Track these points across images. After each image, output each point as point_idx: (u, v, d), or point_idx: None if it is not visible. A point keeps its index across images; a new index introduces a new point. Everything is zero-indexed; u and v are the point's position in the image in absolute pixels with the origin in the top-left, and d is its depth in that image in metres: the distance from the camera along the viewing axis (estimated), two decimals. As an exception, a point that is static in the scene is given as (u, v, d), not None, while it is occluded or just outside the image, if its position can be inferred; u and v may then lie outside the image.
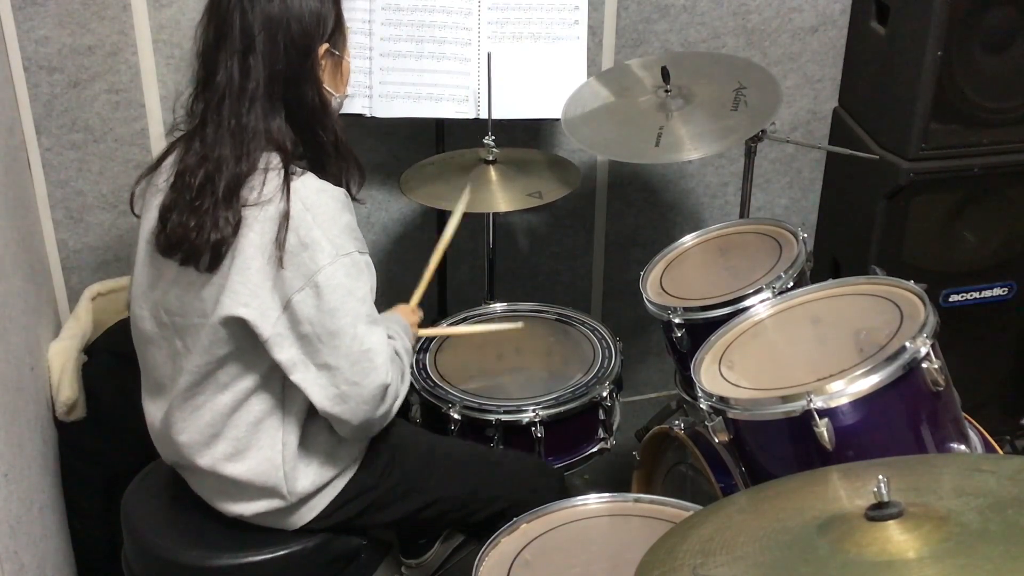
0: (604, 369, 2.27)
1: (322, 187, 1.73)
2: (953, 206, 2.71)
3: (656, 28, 2.82)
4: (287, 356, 1.71)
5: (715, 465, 2.00)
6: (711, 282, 2.21)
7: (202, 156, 1.71)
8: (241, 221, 1.68)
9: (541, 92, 2.55)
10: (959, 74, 2.55)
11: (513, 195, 2.41)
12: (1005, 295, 2.82)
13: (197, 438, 1.80)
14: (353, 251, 1.72)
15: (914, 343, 1.66)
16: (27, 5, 2.42)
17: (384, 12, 2.51)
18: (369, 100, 2.53)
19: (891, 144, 2.68)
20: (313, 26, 1.73)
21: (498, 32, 2.54)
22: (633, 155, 2.44)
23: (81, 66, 2.50)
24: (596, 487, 2.09)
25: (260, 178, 1.69)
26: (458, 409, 2.15)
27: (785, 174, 3.10)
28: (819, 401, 1.64)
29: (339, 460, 1.86)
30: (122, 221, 2.64)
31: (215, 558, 1.86)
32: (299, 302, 1.68)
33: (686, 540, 1.31)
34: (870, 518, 1.18)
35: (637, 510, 1.88)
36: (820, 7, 2.89)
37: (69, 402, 2.24)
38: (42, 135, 2.53)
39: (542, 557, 1.77)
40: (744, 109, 2.34)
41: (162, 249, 1.74)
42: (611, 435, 2.27)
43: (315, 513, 1.86)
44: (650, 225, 3.06)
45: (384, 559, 2.06)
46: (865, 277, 1.94)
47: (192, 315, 1.75)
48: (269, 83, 1.70)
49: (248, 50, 1.69)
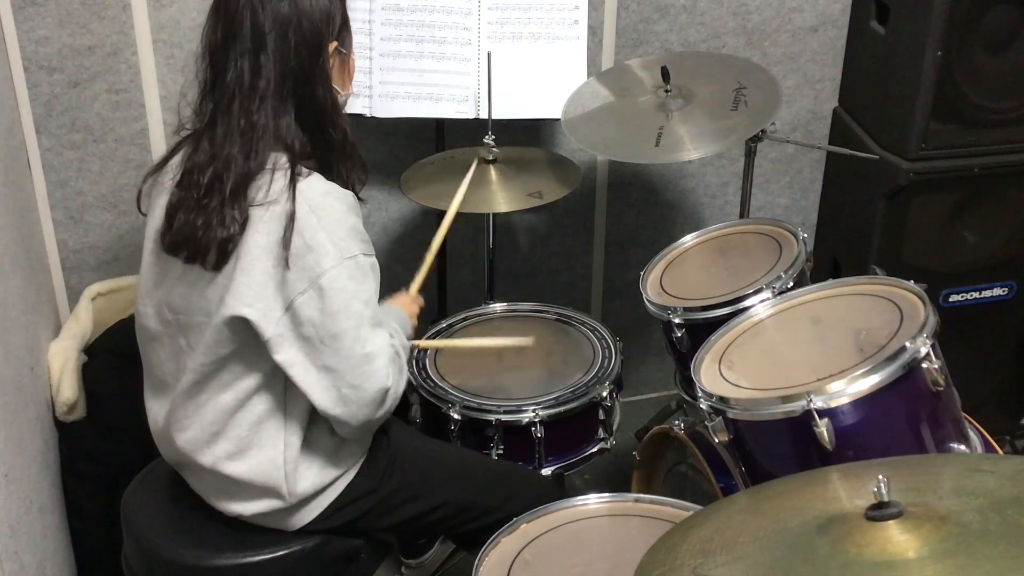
0: (604, 369, 2.27)
1: (328, 189, 1.73)
2: (953, 206, 2.71)
3: (656, 28, 2.82)
4: (287, 357, 1.71)
5: (715, 465, 2.00)
6: (711, 282, 2.21)
7: (211, 155, 1.71)
8: (248, 220, 1.68)
9: (541, 92, 2.55)
10: (959, 74, 2.55)
11: (513, 195, 2.41)
12: (1005, 295, 2.82)
13: (199, 436, 1.80)
14: (358, 254, 1.72)
15: (914, 343, 1.66)
16: (27, 5, 2.42)
17: (384, 12, 2.51)
18: (369, 100, 2.53)
19: (891, 144, 2.68)
20: (323, 24, 1.73)
21: (498, 32, 2.54)
22: (633, 155, 2.44)
23: (81, 66, 2.50)
24: (596, 487, 2.09)
25: (267, 177, 1.69)
26: (458, 409, 2.15)
27: (785, 174, 3.10)
28: (819, 401, 1.64)
29: (340, 463, 1.86)
30: (122, 221, 2.64)
31: (215, 558, 1.86)
32: (302, 304, 1.68)
33: (686, 540, 1.31)
34: (870, 518, 1.18)
35: (637, 510, 1.88)
36: (820, 7, 2.89)
37: (69, 402, 2.24)
38: (42, 135, 2.53)
39: (542, 557, 1.77)
40: (744, 109, 2.34)
41: (168, 247, 1.74)
42: (611, 435, 2.27)
43: (314, 515, 1.86)
44: (650, 225, 3.06)
45: (384, 559, 2.06)
46: (865, 277, 1.94)
47: (196, 314, 1.75)
48: (280, 81, 1.70)
49: (259, 49, 1.69)
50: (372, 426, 1.81)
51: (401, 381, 1.81)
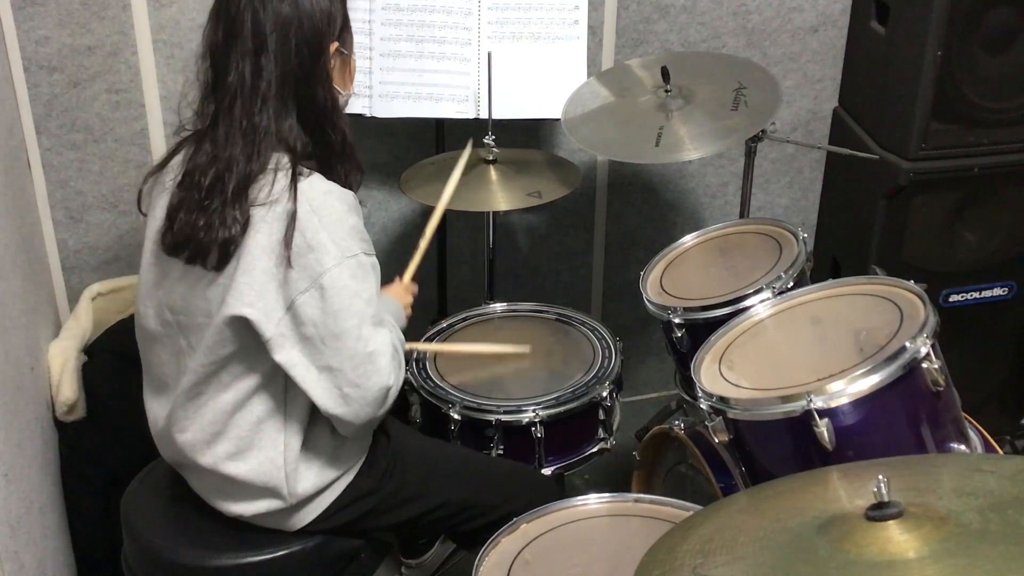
0: (604, 369, 2.27)
1: (329, 189, 1.73)
2: (953, 206, 2.71)
3: (656, 28, 2.82)
4: (288, 357, 1.71)
5: (715, 465, 2.00)
6: (711, 282, 2.21)
7: (213, 156, 1.71)
8: (249, 220, 1.68)
9: (541, 92, 2.55)
10: (959, 74, 2.55)
11: (513, 195, 2.41)
12: (1005, 295, 2.82)
13: (199, 436, 1.80)
14: (359, 253, 1.72)
15: (914, 343, 1.66)
16: (27, 5, 2.42)
17: (384, 12, 2.51)
18: (369, 100, 2.53)
19: (891, 144, 2.68)
20: (324, 25, 1.74)
21: (498, 32, 2.54)
22: (633, 155, 2.44)
23: (81, 66, 2.50)
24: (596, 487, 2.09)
25: (269, 178, 1.69)
26: (458, 409, 2.15)
27: (785, 174, 3.10)
28: (819, 401, 1.64)
29: (341, 463, 1.86)
30: (122, 221, 2.64)
31: (215, 558, 1.86)
32: (303, 303, 1.68)
33: (686, 540, 1.31)
34: (870, 518, 1.18)
35: (637, 510, 1.88)
36: (820, 7, 2.89)
37: (69, 402, 2.24)
38: (42, 135, 2.53)
39: (542, 557, 1.77)
40: (744, 109, 2.34)
41: (168, 248, 1.74)
42: (611, 435, 2.27)
43: (314, 515, 1.86)
44: (650, 225, 3.06)
45: (384, 559, 2.06)
46: (865, 277, 1.94)
47: (197, 314, 1.75)
48: (281, 82, 1.70)
49: (260, 50, 1.69)
50: (374, 424, 1.81)
51: (400, 377, 1.81)
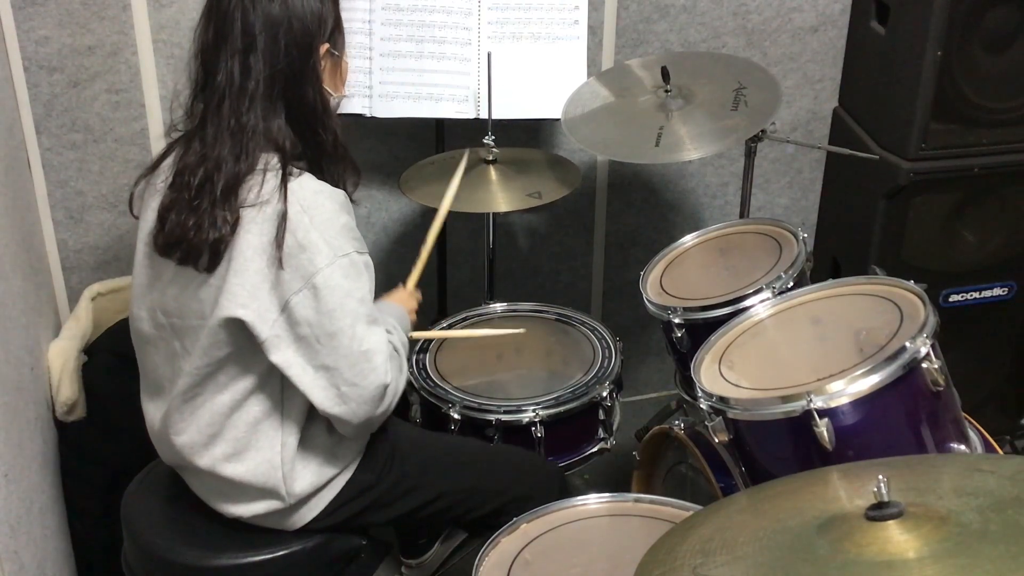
0: (604, 369, 2.27)
1: (319, 188, 1.73)
2: (953, 206, 2.71)
3: (656, 28, 2.82)
4: (284, 358, 1.71)
5: (715, 465, 2.00)
6: (711, 282, 2.21)
7: (202, 156, 1.71)
8: (239, 221, 1.68)
9: (541, 92, 2.55)
10: (959, 74, 2.55)
11: (513, 195, 2.41)
12: (1005, 295, 2.82)
13: (196, 439, 1.80)
14: (351, 251, 1.71)
15: (914, 343, 1.66)
16: (27, 5, 2.42)
17: (384, 12, 2.51)
18: (369, 100, 2.53)
19: (891, 144, 2.68)
20: (314, 26, 1.74)
21: (498, 32, 2.54)
22: (633, 155, 2.44)
23: (81, 66, 2.50)
24: (596, 487, 2.09)
25: (259, 178, 1.69)
26: (458, 409, 2.15)
27: (785, 174, 3.10)
28: (819, 401, 1.64)
29: (338, 460, 1.86)
30: (122, 221, 2.64)
31: (215, 558, 1.86)
32: (297, 304, 1.68)
33: (686, 540, 1.31)
34: (870, 518, 1.18)
35: (637, 510, 1.88)
36: (820, 7, 2.89)
37: (69, 402, 2.24)
38: (42, 135, 2.53)
39: (542, 557, 1.77)
40: (744, 109, 2.34)
41: (160, 249, 1.74)
42: (611, 435, 2.27)
43: (314, 513, 1.86)
44: (650, 225, 3.06)
45: (384, 559, 2.06)
46: (865, 277, 1.94)
47: (190, 317, 1.75)
48: (270, 83, 1.70)
49: (249, 49, 1.69)
50: (373, 424, 1.81)
51: (401, 378, 1.81)
